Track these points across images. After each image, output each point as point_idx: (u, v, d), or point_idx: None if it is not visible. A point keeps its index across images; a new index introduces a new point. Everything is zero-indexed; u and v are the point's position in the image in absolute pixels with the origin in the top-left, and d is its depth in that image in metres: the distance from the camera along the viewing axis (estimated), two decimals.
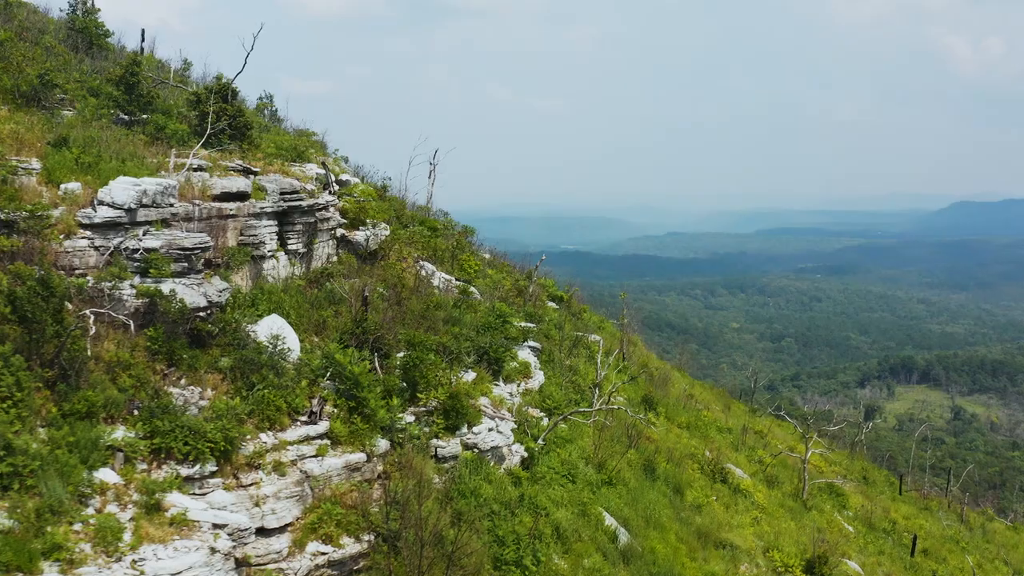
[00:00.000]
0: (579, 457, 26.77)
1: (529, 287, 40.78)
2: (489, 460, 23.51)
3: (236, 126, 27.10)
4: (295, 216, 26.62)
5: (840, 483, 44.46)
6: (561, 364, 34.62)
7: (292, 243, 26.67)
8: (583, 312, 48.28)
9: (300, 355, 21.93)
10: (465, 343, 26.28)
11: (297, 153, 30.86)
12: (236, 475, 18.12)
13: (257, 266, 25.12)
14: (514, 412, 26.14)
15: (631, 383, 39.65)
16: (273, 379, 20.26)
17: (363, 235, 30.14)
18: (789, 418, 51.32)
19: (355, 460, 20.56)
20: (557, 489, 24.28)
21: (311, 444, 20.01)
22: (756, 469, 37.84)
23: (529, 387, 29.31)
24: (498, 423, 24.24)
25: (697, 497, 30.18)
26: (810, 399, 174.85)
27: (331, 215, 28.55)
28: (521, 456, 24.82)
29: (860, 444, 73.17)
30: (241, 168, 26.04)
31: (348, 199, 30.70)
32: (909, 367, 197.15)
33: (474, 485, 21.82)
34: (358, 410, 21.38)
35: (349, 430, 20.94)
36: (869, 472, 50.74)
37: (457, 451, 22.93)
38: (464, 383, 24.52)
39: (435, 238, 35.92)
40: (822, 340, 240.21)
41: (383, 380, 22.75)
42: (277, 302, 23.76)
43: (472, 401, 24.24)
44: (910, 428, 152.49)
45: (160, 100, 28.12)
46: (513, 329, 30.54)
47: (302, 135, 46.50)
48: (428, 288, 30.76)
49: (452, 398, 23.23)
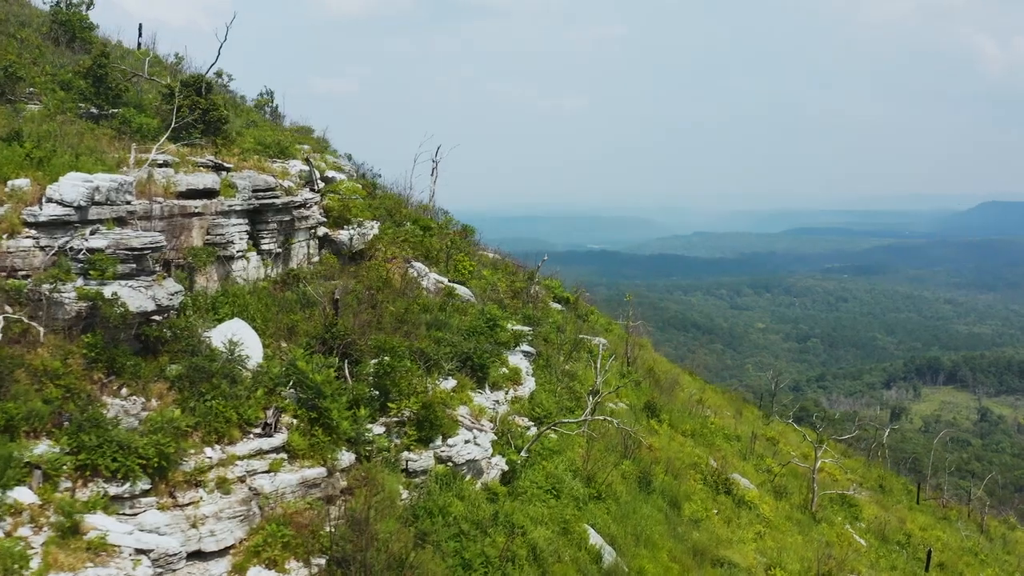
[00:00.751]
0: (567, 470, 24.95)
1: (530, 288, 39.03)
2: (464, 474, 21.79)
3: (209, 120, 25.52)
4: (268, 214, 25.04)
5: (853, 493, 42.33)
6: (559, 369, 32.85)
7: (266, 243, 25.08)
8: (590, 314, 46.45)
9: (260, 362, 20.32)
10: (446, 349, 24.57)
11: (280, 149, 29.30)
12: (172, 494, 16.50)
13: (225, 267, 23.55)
14: (498, 422, 24.40)
15: (636, 388, 37.85)
16: (225, 388, 18.64)
17: (347, 234, 28.53)
18: (797, 426, 48.72)
19: (313, 475, 18.90)
20: (538, 505, 22.48)
21: (264, 459, 18.35)
22: (764, 479, 35.84)
23: (519, 394, 27.56)
24: (476, 434, 22.50)
25: (696, 511, 28.28)
26: (835, 400, 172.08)
27: (310, 213, 26.95)
28: (501, 470, 23.06)
29: (882, 448, 70.83)
30: (213, 164, 24.48)
31: (332, 197, 29.07)
32: (935, 368, 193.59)
33: (443, 502, 20.12)
34: (320, 421, 19.73)
35: (309, 443, 19.29)
36: (886, 480, 48.46)
37: (429, 465, 21.24)
38: (441, 392, 22.80)
39: (429, 237, 34.26)
40: (848, 341, 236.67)
41: (351, 389, 21.08)
42: (242, 305, 22.17)
43: (449, 411, 22.53)
44: (936, 430, 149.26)
45: (132, 94, 26.66)
46: (503, 333, 28.81)
47: (303, 132, 45.19)
48: (416, 290, 29.12)
49: (426, 408, 21.53)
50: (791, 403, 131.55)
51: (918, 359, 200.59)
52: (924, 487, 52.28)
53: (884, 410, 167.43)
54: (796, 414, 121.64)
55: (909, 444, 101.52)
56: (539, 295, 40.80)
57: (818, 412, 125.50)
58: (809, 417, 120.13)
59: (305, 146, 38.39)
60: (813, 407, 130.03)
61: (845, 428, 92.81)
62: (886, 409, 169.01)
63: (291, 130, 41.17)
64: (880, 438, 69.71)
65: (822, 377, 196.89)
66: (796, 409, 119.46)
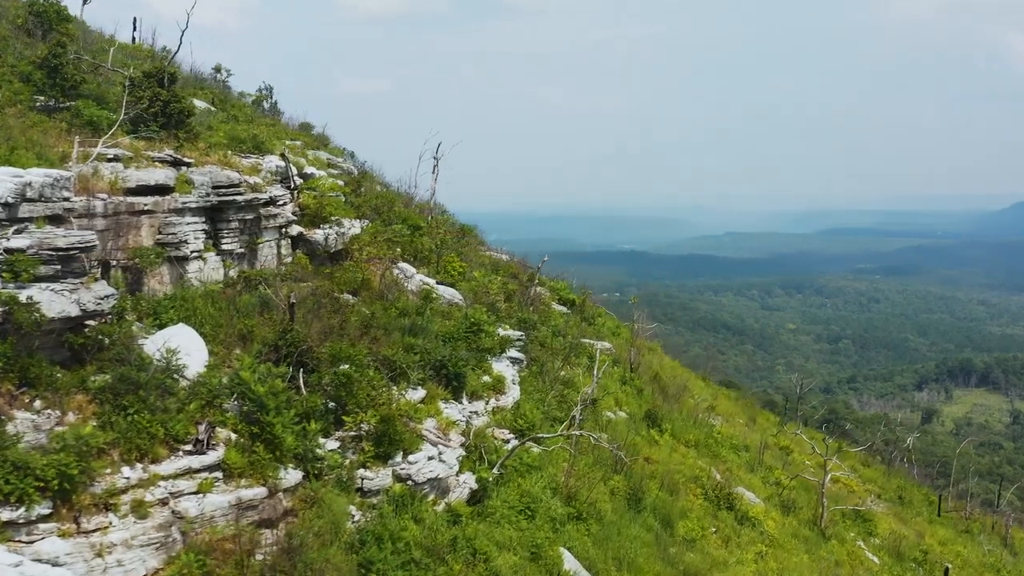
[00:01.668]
0: (545, 488, 22.84)
1: (530, 290, 37.02)
2: (426, 494, 19.81)
3: (170, 113, 23.77)
4: (230, 212, 23.22)
5: (871, 506, 39.87)
6: (553, 376, 30.80)
7: (227, 242, 23.27)
8: (597, 316, 44.35)
9: (202, 371, 18.49)
10: (415, 356, 22.62)
11: (256, 144, 27.55)
12: (77, 519, 14.70)
13: (179, 269, 21.76)
14: (471, 435, 22.38)
15: (638, 396, 35.72)
16: (154, 401, 16.84)
17: (322, 234, 26.68)
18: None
19: (250, 496, 17.02)
20: (507, 528, 20.39)
21: (193, 478, 16.52)
22: (772, 493, 33.53)
23: (501, 404, 25.55)
24: (441, 450, 20.52)
25: (691, 530, 26.08)
26: (866, 402, 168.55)
27: (279, 211, 25.11)
28: (470, 488, 21.05)
29: (909, 453, 67.98)
30: (171, 159, 22.75)
31: (308, 194, 27.25)
32: (968, 370, 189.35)
33: (396, 526, 18.15)
34: (262, 436, 17.89)
35: (248, 460, 17.44)
36: (906, 491, 45.81)
37: (387, 483, 19.31)
38: (405, 403, 20.84)
39: (419, 237, 32.36)
40: (880, 342, 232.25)
41: (302, 400, 19.21)
42: (191, 309, 20.35)
43: (413, 424, 20.58)
44: (967, 432, 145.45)
45: (94, 85, 25.01)
46: (487, 339, 26.82)
47: (303, 129, 43.59)
48: (397, 293, 27.21)
49: (384, 422, 19.60)
50: (821, 405, 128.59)
51: (950, 361, 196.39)
52: (948, 496, 49.60)
53: (915, 412, 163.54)
54: (824, 416, 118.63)
55: (940, 447, 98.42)
56: (540, 297, 38.80)
57: (848, 414, 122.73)
58: (838, 420, 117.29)
59: (298, 142, 36.72)
60: (843, 409, 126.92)
61: (874, 430, 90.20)
62: (917, 411, 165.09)
63: (282, 125, 39.71)
64: (908, 441, 67.06)
65: (853, 379, 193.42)
66: (824, 412, 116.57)
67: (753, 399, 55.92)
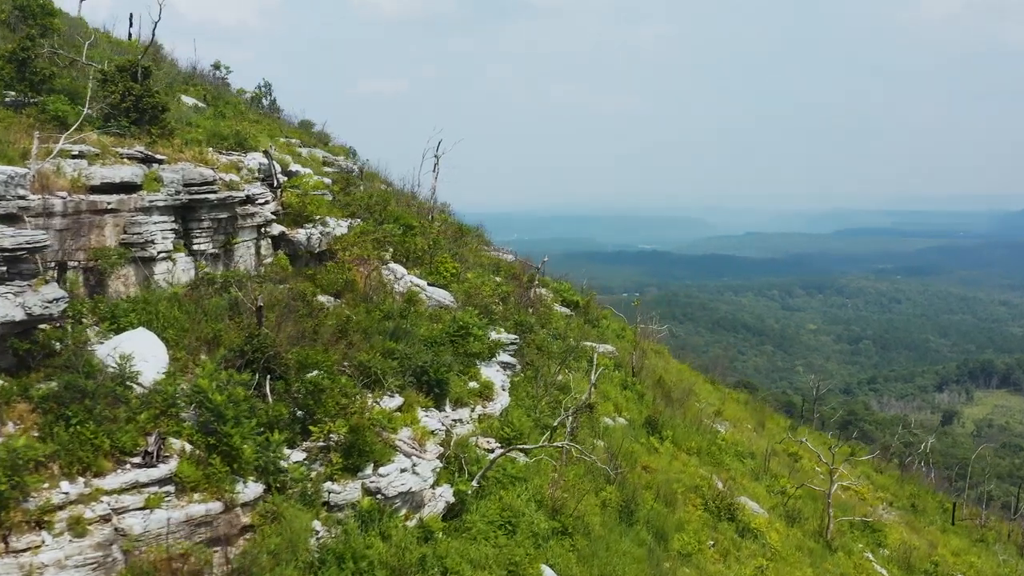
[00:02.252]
0: (529, 500, 21.57)
1: (529, 291, 35.81)
2: (397, 508, 18.61)
3: (143, 108, 22.70)
4: (202, 211, 22.12)
5: (881, 514, 38.38)
6: (549, 382, 29.56)
7: (200, 242, 22.17)
8: (602, 319, 43.06)
9: (159, 379, 17.39)
10: (393, 362, 21.45)
11: (239, 141, 26.47)
12: (6, 538, 13.63)
13: (145, 270, 20.68)
14: (452, 445, 21.17)
15: (639, 401, 34.41)
16: (101, 410, 15.75)
17: (304, 233, 25.57)
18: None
19: (203, 512, 15.88)
20: (484, 545, 19.13)
21: (141, 493, 15.42)
22: (777, 502, 32.12)
23: (488, 412, 24.32)
24: (415, 461, 19.32)
25: (687, 543, 24.74)
26: (886, 403, 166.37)
27: (258, 210, 23.98)
28: (446, 502, 19.82)
29: (927, 456, 66.22)
30: (142, 155, 21.71)
31: (291, 192, 26.15)
32: (989, 371, 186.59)
33: (361, 544, 16.97)
34: (218, 448, 16.78)
35: (203, 473, 16.31)
36: (919, 498, 44.15)
37: (355, 497, 18.13)
38: (379, 412, 19.69)
39: (412, 237, 31.20)
40: (900, 342, 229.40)
41: (266, 409, 18.07)
42: (153, 313, 19.26)
43: (386, 434, 19.39)
44: (988, 434, 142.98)
45: (67, 80, 23.98)
46: (476, 343, 25.61)
47: (303, 126, 42.63)
48: (383, 295, 26.05)
49: (353, 432, 18.44)
50: (840, 406, 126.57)
51: (971, 362, 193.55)
52: (963, 503, 47.91)
53: (935, 414, 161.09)
54: (843, 418, 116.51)
55: (959, 449, 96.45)
56: (541, 298, 37.58)
57: (868, 415, 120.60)
58: (857, 421, 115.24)
59: (293, 140, 35.69)
60: (862, 411, 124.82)
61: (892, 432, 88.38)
62: (937, 413, 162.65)
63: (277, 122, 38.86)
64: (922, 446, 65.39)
65: (873, 380, 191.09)
66: (843, 413, 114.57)
67: (763, 403, 54.22)
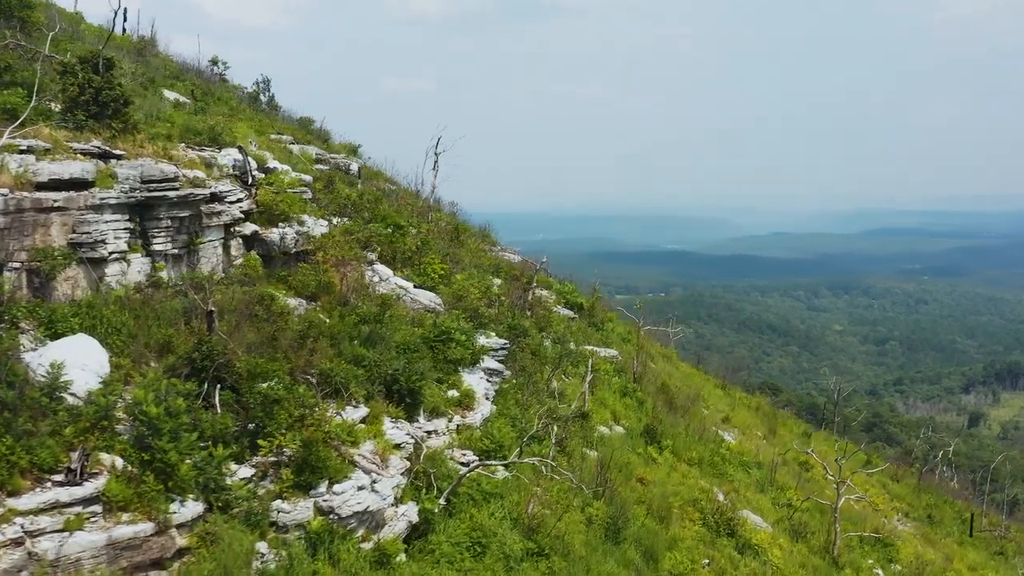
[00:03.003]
0: (504, 518, 19.96)
1: (527, 293, 34.20)
2: (354, 529, 17.08)
3: (102, 101, 21.34)
4: (161, 209, 20.73)
5: (896, 525, 36.43)
6: (542, 389, 27.96)
7: (159, 242, 20.77)
8: (606, 322, 41.35)
9: (95, 389, 15.98)
10: (361, 370, 19.94)
11: (213, 136, 25.11)
12: None
13: (95, 272, 19.31)
14: (421, 459, 19.63)
15: (639, 409, 32.69)
16: (22, 424, 14.38)
17: (278, 233, 24.13)
18: (817, 458, 40.10)
19: (130, 534, 14.46)
20: (446, 569, 17.56)
21: (61, 513, 14.04)
22: (782, 515, 30.27)
23: (468, 422, 22.76)
24: (375, 478, 17.79)
25: (679, 563, 22.97)
26: (912, 405, 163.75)
27: (225, 208, 22.56)
28: (409, 522, 18.27)
29: (950, 461, 64.00)
30: (99, 151, 20.36)
31: (265, 190, 24.72)
32: (1016, 372, 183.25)
33: (306, 570, 15.48)
34: (153, 464, 15.36)
35: (135, 491, 14.92)
36: (937, 508, 42.03)
37: (306, 517, 16.64)
38: (339, 424, 18.20)
39: (400, 237, 29.70)
40: (927, 343, 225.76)
41: (211, 422, 16.63)
42: (97, 318, 17.87)
43: (345, 448, 17.89)
44: (1015, 436, 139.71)
45: (29, 72, 22.70)
46: (459, 348, 24.07)
47: (302, 123, 41.41)
48: (363, 298, 24.54)
49: (306, 446, 16.97)
50: (866, 407, 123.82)
51: (998, 363, 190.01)
52: (983, 512, 45.65)
53: (961, 416, 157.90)
54: (868, 421, 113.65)
55: (985, 451, 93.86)
56: (540, 300, 35.97)
57: (892, 417, 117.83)
58: (881, 423, 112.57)
59: (285, 136, 34.40)
60: (887, 413, 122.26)
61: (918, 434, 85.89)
62: (963, 415, 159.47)
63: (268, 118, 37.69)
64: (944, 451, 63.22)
65: (899, 381, 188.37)
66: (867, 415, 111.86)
67: (776, 408, 52.25)
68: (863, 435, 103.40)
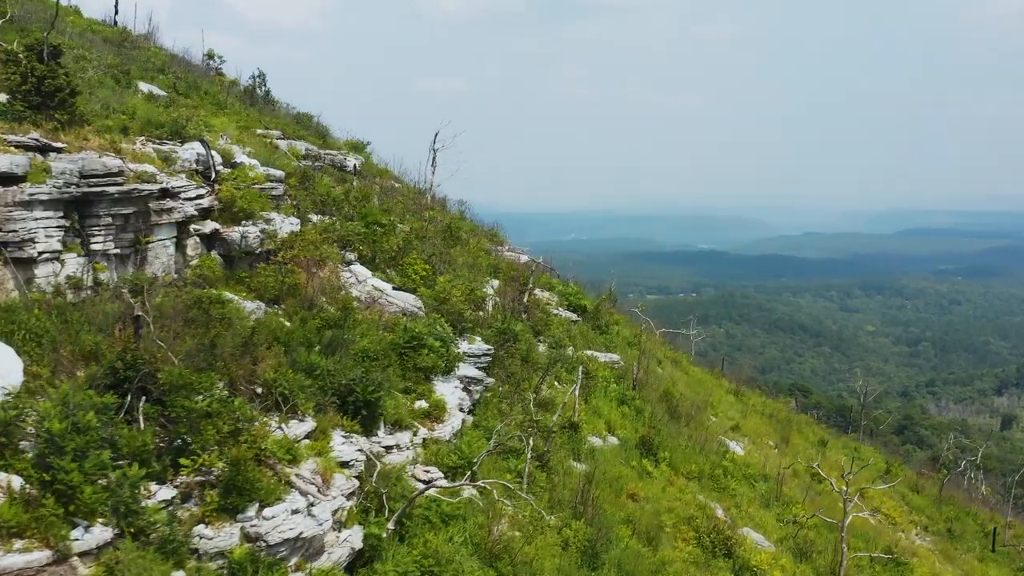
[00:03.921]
0: (465, 542, 18.09)
1: (523, 295, 32.31)
2: (285, 558, 15.24)
3: (45, 91, 19.74)
4: (102, 206, 19.08)
5: (914, 540, 34.07)
6: (528, 397, 26.04)
7: (99, 241, 19.11)
8: (611, 325, 39.32)
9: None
10: (306, 380, 18.13)
11: (176, 129, 23.48)
12: None
13: (24, 273, 17.68)
14: (375, 477, 17.79)
15: (636, 418, 30.66)
16: None
17: (239, 232, 22.41)
18: (823, 473, 36.51)
19: (22, 563, 12.67)
20: None
21: None
22: (787, 533, 28.11)
23: (436, 436, 20.89)
24: (313, 500, 15.96)
25: None
26: (944, 407, 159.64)
27: (177, 205, 20.85)
28: (352, 549, 16.42)
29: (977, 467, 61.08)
30: (37, 143, 18.73)
31: (227, 186, 23.02)
32: None
33: None
34: (53, 486, 13.66)
35: (32, 516, 13.23)
36: (958, 521, 39.42)
37: (230, 544, 14.84)
38: (279, 440, 16.41)
39: (383, 236, 27.91)
40: (960, 345, 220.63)
41: (128, 439, 14.90)
42: (15, 323, 16.23)
43: (281, 468, 16.09)
44: None
45: None
46: (430, 356, 22.22)
47: (301, 118, 40.07)
48: (331, 300, 22.77)
49: (233, 466, 15.19)
50: (897, 409, 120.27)
51: None
52: (1007, 524, 42.91)
53: (994, 418, 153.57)
54: (899, 423, 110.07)
55: (1018, 455, 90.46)
56: (539, 303, 34.05)
57: (923, 420, 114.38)
58: (912, 426, 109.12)
59: (273, 131, 32.83)
60: (918, 415, 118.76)
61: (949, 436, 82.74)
62: (996, 417, 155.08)
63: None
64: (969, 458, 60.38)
65: (932, 382, 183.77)
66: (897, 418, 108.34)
67: (796, 412, 49.85)
68: (893, 438, 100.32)
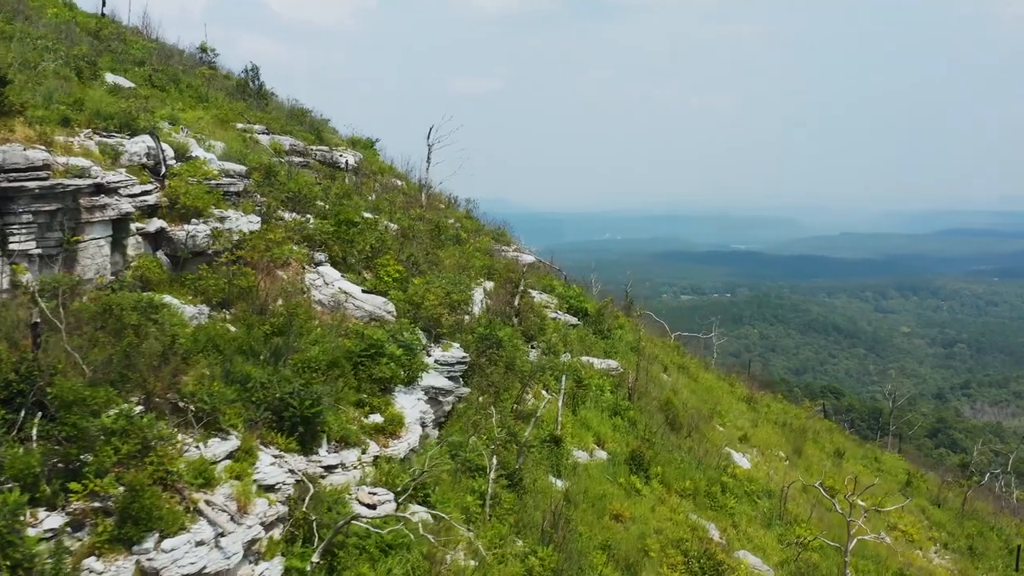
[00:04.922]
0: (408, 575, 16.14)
1: (515, 298, 30.33)
2: None
3: None
4: (21, 202, 17.37)
5: (933, 558, 31.63)
6: (508, 409, 24.03)
7: (19, 241, 17.41)
8: (614, 329, 37.18)
9: None
10: (232, 394, 16.28)
11: (126, 121, 21.80)
12: None
13: None
14: (306, 502, 15.87)
15: (631, 430, 28.52)
16: None
17: (184, 231, 20.62)
18: (824, 492, 32.64)
19: None
20: None
21: None
22: (788, 556, 25.83)
23: (390, 453, 18.92)
24: (221, 530, 14.06)
25: None
26: (979, 409, 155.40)
27: (112, 202, 19.10)
28: None
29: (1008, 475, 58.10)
30: None
31: (178, 181, 21.27)
32: None
33: None
34: None
35: None
36: (980, 537, 36.68)
37: None
38: (192, 461, 14.58)
39: (358, 234, 26.05)
40: (997, 346, 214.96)
41: (13, 459, 13.14)
42: None
43: (190, 493, 14.23)
44: None
45: None
46: (388, 366, 20.30)
47: (297, 112, 38.69)
48: (285, 304, 20.89)
49: (131, 491, 13.36)
50: (932, 412, 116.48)
51: None
52: None
53: None
54: (933, 426, 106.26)
55: None
56: (533, 306, 32.04)
57: (958, 423, 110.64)
58: (946, 429, 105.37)
59: (257, 126, 31.26)
60: (952, 418, 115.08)
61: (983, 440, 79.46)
62: None
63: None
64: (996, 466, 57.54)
65: (967, 384, 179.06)
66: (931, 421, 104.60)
67: (815, 418, 47.29)
68: (926, 441, 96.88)
